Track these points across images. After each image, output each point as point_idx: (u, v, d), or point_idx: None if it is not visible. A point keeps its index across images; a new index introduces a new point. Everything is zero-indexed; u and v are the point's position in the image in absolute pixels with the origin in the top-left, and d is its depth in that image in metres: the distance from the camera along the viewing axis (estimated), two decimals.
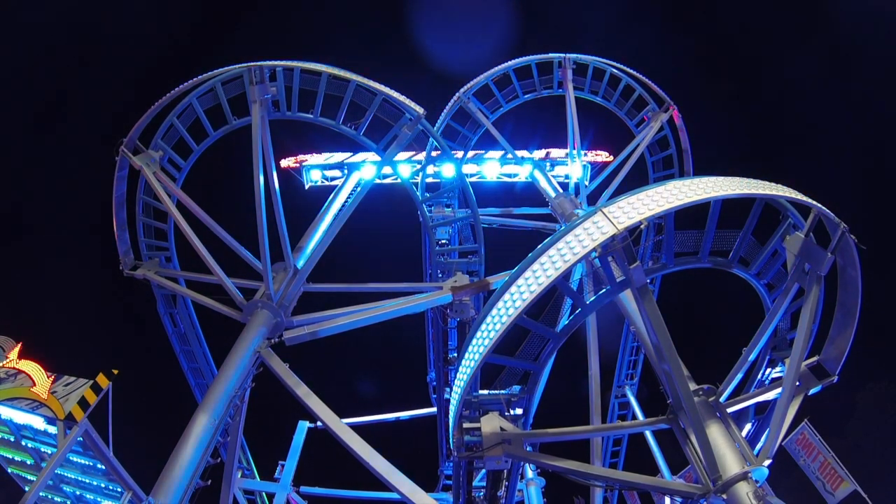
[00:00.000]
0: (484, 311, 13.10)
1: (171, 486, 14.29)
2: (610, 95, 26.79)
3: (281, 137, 23.78)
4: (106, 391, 19.99)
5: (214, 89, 19.42)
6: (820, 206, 13.17)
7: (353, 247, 27.14)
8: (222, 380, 16.96)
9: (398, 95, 19.20)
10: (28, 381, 19.67)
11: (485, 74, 26.01)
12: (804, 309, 14.00)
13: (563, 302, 21.36)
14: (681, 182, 12.90)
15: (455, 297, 21.08)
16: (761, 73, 36.69)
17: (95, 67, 33.71)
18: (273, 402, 21.50)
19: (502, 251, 23.63)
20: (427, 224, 23.05)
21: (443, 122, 26.21)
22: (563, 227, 12.85)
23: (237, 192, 21.74)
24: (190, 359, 23.77)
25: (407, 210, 25.06)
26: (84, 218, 29.44)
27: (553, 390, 26.11)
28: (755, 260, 15.18)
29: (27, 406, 19.32)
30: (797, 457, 24.73)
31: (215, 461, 20.96)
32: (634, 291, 13.03)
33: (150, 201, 21.28)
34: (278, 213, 18.96)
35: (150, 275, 21.43)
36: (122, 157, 19.92)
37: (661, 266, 14.90)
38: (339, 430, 16.36)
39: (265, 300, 18.79)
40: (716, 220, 14.02)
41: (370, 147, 20.33)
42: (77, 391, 19.49)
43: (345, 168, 28.37)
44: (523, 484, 26.51)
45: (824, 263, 13.44)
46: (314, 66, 19.10)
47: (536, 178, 27.03)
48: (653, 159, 27.55)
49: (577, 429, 17.37)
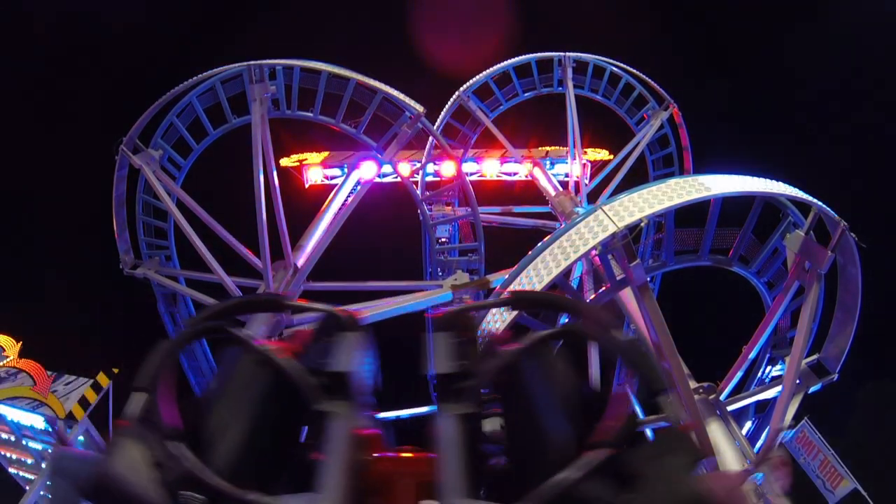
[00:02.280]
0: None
1: None
2: (610, 93, 26.76)
3: (281, 136, 23.80)
4: (106, 390, 20.04)
5: (214, 88, 19.41)
6: (820, 205, 13.19)
7: (353, 245, 27.13)
8: None
9: (398, 94, 19.19)
10: (28, 380, 19.72)
11: (485, 72, 25.98)
12: (804, 307, 14.02)
13: None
14: (681, 180, 12.92)
15: (455, 296, 21.07)
16: (762, 72, 36.72)
17: (95, 67, 33.73)
18: None
19: (502, 249, 23.63)
20: (427, 222, 23.04)
21: (443, 120, 26.20)
22: (564, 225, 12.86)
23: (237, 191, 21.72)
24: (190, 357, 23.77)
25: (407, 208, 25.07)
26: (84, 217, 29.44)
27: None
28: (755, 258, 15.20)
29: (28, 405, 19.36)
30: (797, 455, 24.75)
31: None
32: (634, 289, 13.05)
33: (150, 200, 21.28)
34: (278, 211, 18.96)
35: (151, 273, 21.43)
36: (122, 156, 19.90)
37: (662, 264, 14.93)
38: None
39: None
40: (716, 218, 14.05)
41: (370, 145, 20.32)
42: (77, 390, 19.54)
43: (345, 166, 28.38)
44: None
45: (824, 261, 13.46)
46: (314, 64, 19.10)
47: (536, 177, 27.03)
48: (653, 157, 27.52)
49: None
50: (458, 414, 2.08)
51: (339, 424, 2.04)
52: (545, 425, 1.99)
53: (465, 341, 2.29)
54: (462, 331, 2.33)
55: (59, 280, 32.17)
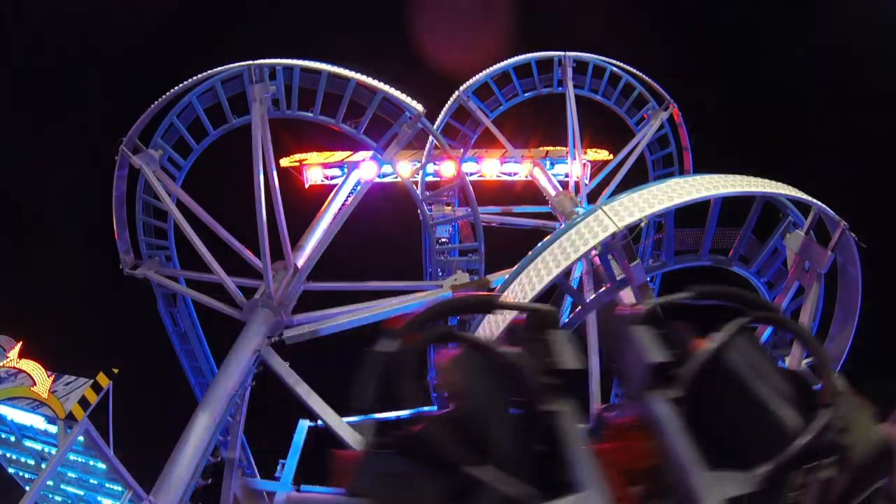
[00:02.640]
0: None
1: (171, 486, 14.31)
2: (610, 93, 26.75)
3: (281, 136, 23.78)
4: (106, 390, 20.03)
5: (214, 88, 19.41)
6: (820, 205, 13.19)
7: (353, 245, 27.12)
8: (223, 378, 16.98)
9: (398, 93, 19.18)
10: (28, 380, 19.71)
11: (485, 72, 25.96)
12: (804, 307, 14.03)
13: (563, 300, 21.37)
14: (681, 180, 12.91)
15: (455, 295, 21.08)
16: (762, 71, 36.68)
17: (95, 67, 33.68)
18: (273, 401, 21.50)
19: (502, 249, 23.62)
20: (427, 222, 23.04)
21: (443, 120, 26.18)
22: (564, 225, 12.86)
23: (237, 191, 21.71)
24: (190, 357, 23.77)
25: (407, 208, 25.06)
26: (84, 217, 29.40)
27: None
28: (755, 258, 15.20)
29: (28, 405, 19.35)
30: None
31: (216, 460, 21.00)
32: (634, 289, 13.04)
33: (150, 200, 21.27)
34: (278, 211, 18.96)
35: (151, 274, 21.43)
36: (122, 156, 19.91)
37: (662, 264, 14.93)
38: (340, 428, 16.39)
39: (265, 299, 18.80)
40: (716, 218, 14.04)
41: (370, 145, 20.32)
42: (77, 390, 19.53)
43: (345, 167, 28.37)
44: None
45: (824, 261, 13.46)
46: (314, 64, 19.09)
47: (536, 177, 27.03)
48: (653, 157, 27.51)
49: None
50: (671, 399, 2.41)
51: (572, 422, 2.33)
52: (769, 399, 2.35)
53: (667, 333, 2.65)
54: (660, 324, 2.69)
55: (59, 280, 32.15)
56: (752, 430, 2.37)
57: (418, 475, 2.17)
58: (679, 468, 2.20)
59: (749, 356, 2.49)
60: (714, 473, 2.25)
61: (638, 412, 2.51)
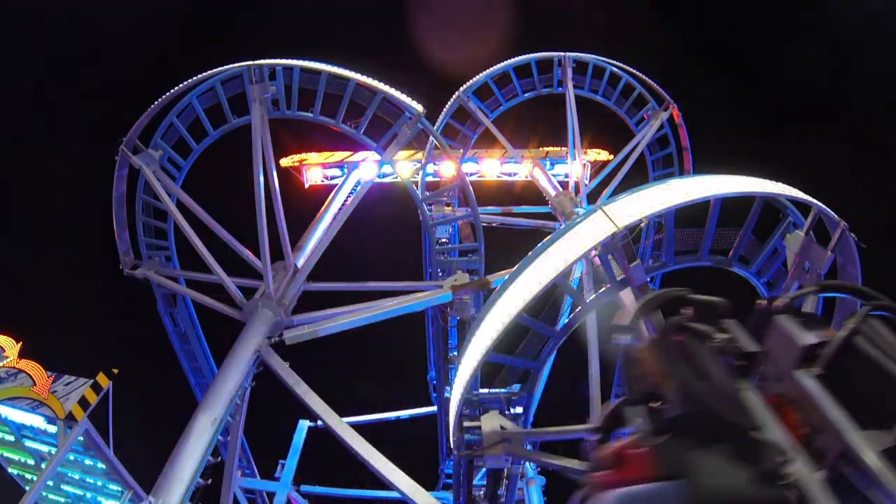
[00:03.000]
0: (484, 309, 13.10)
1: (171, 486, 14.29)
2: (610, 94, 26.74)
3: (281, 136, 23.77)
4: (106, 390, 20.05)
5: (214, 88, 19.41)
6: (820, 205, 13.18)
7: (353, 245, 27.13)
8: (222, 379, 16.97)
9: (398, 94, 19.18)
10: (28, 380, 19.73)
11: (484, 73, 25.97)
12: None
13: (563, 300, 21.35)
14: (681, 180, 12.90)
15: (455, 296, 21.07)
16: (762, 71, 36.68)
17: (95, 66, 33.69)
18: (273, 401, 21.51)
19: (502, 249, 23.62)
20: (427, 223, 23.04)
21: (443, 120, 26.19)
22: (564, 225, 12.85)
23: (237, 192, 21.71)
24: (190, 358, 23.78)
25: (407, 209, 25.06)
26: (83, 217, 29.40)
27: (553, 390, 26.11)
28: (755, 258, 15.16)
29: (27, 405, 19.37)
30: None
31: (215, 460, 21.02)
32: (634, 290, 13.03)
33: (150, 200, 21.28)
34: (278, 211, 18.96)
35: (151, 274, 21.43)
36: (122, 157, 19.91)
37: (661, 264, 14.89)
38: (340, 428, 16.38)
39: (265, 299, 18.80)
40: (716, 219, 14.00)
41: (370, 146, 20.32)
42: (77, 390, 19.57)
43: (345, 167, 28.37)
44: (524, 482, 26.53)
45: (824, 261, 13.44)
46: (314, 64, 19.09)
47: (536, 177, 27.02)
48: (653, 158, 27.50)
49: (577, 427, 17.34)
50: (817, 374, 2.91)
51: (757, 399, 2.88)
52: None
53: (808, 320, 3.19)
54: (798, 313, 3.28)
55: (59, 280, 32.17)
56: (886, 397, 2.82)
57: (713, 450, 2.62)
58: (835, 430, 2.70)
59: (878, 338, 2.98)
60: (864, 432, 2.73)
61: (784, 390, 3.05)
